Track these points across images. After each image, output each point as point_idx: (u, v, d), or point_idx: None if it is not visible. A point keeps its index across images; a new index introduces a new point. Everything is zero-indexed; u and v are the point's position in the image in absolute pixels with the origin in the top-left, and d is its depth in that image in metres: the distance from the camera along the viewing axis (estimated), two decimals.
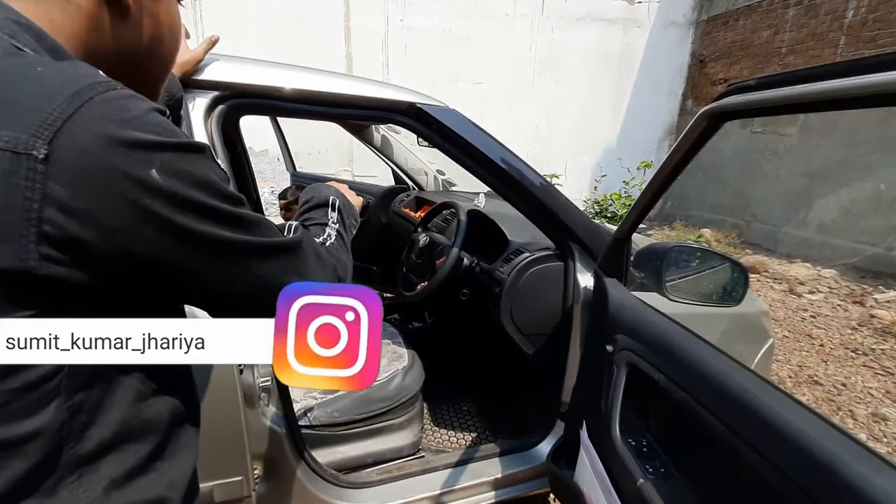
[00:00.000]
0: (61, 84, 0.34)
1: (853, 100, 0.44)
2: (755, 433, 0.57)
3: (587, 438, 0.96)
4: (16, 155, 0.31)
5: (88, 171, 0.33)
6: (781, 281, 4.22)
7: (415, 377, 1.40)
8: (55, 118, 0.32)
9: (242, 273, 0.43)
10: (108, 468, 0.39)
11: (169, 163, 0.36)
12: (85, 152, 0.32)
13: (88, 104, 0.33)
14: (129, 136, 0.34)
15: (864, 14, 4.49)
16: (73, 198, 0.32)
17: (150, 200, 0.35)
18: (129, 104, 0.36)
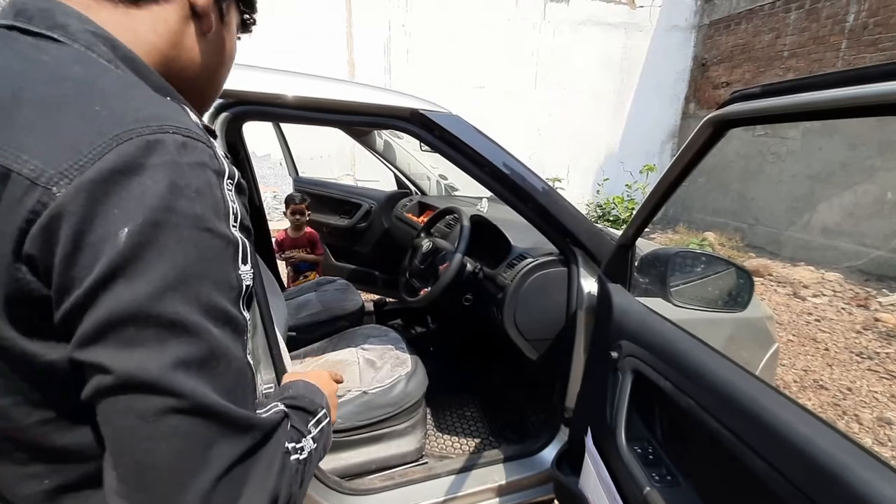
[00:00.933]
0: (109, 119, 0.33)
1: (858, 109, 0.44)
2: (762, 441, 0.57)
3: (592, 445, 0.95)
4: (33, 185, 0.30)
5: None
6: (785, 284, 4.20)
7: (418, 383, 1.40)
8: (86, 163, 0.31)
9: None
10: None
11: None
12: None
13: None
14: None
15: (865, 18, 4.49)
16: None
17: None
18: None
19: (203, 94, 0.52)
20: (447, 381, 1.85)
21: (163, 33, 0.43)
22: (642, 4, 6.38)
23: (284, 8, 5.34)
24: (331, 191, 2.62)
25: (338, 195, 2.57)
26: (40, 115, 0.32)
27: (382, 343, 1.55)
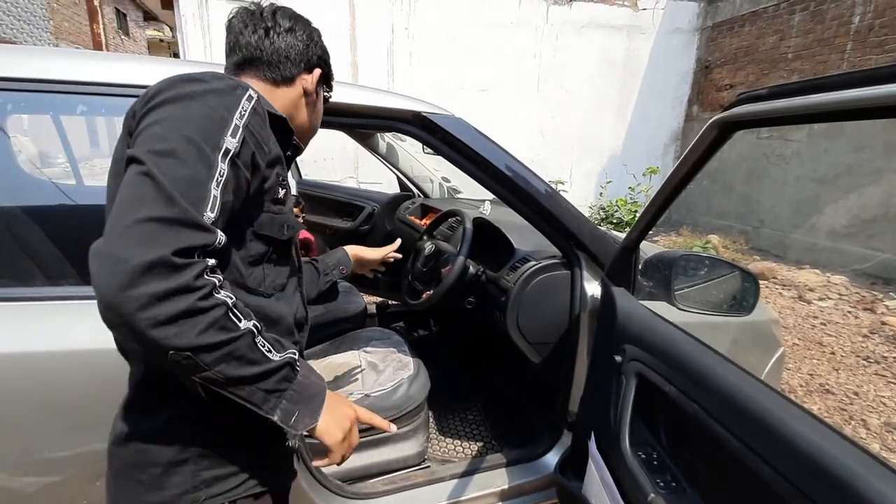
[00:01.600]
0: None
1: (866, 111, 0.43)
2: (769, 447, 0.56)
3: (595, 450, 0.94)
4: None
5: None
6: (790, 287, 4.17)
7: (420, 386, 1.39)
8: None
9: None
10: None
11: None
12: None
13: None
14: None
15: (871, 19, 4.47)
16: None
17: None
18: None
19: (307, 134, 0.84)
20: (450, 385, 1.84)
21: (288, 102, 0.78)
22: (645, 7, 6.38)
23: None
24: (334, 193, 2.62)
25: (341, 198, 2.57)
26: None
27: (385, 346, 1.54)
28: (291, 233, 0.70)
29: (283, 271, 0.72)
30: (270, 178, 0.63)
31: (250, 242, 0.64)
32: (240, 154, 0.56)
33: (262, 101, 0.63)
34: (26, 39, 10.38)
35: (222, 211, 0.54)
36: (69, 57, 0.94)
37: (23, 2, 10.28)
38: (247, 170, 0.58)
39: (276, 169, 0.65)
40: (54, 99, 0.97)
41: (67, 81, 0.87)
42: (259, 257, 0.65)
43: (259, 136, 0.60)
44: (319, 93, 0.84)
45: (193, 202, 0.51)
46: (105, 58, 0.97)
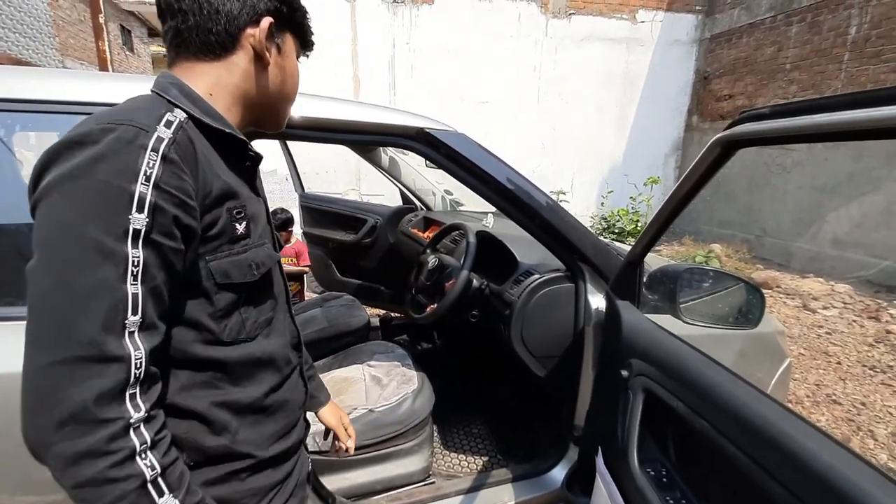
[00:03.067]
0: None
1: (869, 132, 0.44)
2: (781, 466, 0.56)
3: (603, 465, 0.93)
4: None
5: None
6: (794, 296, 4.16)
7: (425, 400, 1.38)
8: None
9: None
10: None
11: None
12: None
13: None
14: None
15: (868, 30, 4.52)
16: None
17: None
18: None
19: (277, 108, 0.68)
20: (454, 399, 1.83)
21: (236, 73, 0.61)
22: (643, 20, 6.46)
23: None
24: (336, 206, 2.63)
25: (343, 210, 2.58)
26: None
27: (389, 360, 1.54)
28: (264, 269, 0.61)
29: (266, 307, 0.64)
30: (219, 220, 0.54)
31: (216, 296, 0.56)
32: (153, 228, 0.46)
33: (182, 130, 0.51)
34: (32, 56, 10.53)
35: (153, 298, 0.47)
36: (72, 78, 0.95)
37: (29, 19, 10.45)
38: (172, 239, 0.48)
39: (226, 204, 0.55)
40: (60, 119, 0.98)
41: (72, 102, 0.89)
42: (231, 307, 0.58)
43: (179, 191, 0.49)
44: (283, 51, 0.64)
45: (103, 323, 0.43)
46: (103, 78, 0.99)
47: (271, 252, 0.64)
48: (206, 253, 0.54)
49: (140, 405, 0.45)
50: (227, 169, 0.58)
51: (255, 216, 0.61)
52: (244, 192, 0.60)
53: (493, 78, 6.24)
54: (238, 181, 0.59)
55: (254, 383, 0.62)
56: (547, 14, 6.22)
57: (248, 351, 0.60)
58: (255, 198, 0.63)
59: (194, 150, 0.52)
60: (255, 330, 0.62)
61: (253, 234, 0.60)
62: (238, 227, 0.57)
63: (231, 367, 0.59)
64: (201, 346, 0.56)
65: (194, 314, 0.54)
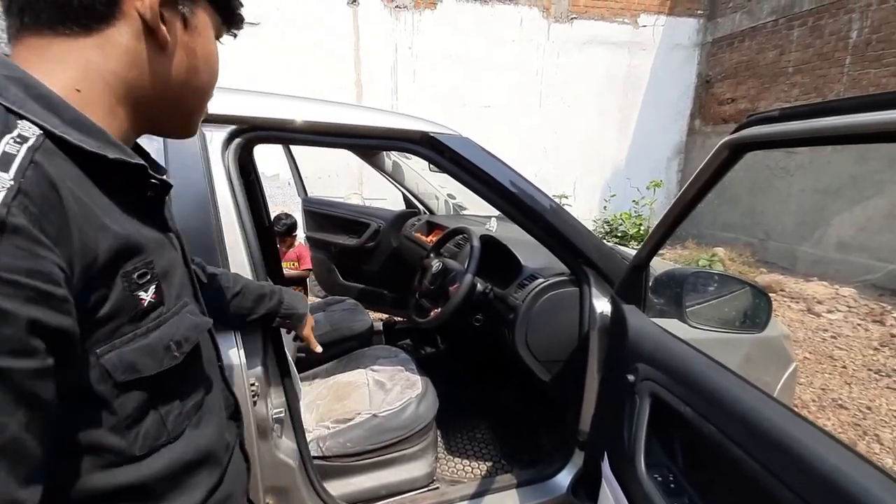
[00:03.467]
0: None
1: (879, 135, 0.44)
2: (789, 470, 0.55)
3: (609, 471, 0.93)
4: None
5: None
6: (799, 300, 4.14)
7: (429, 405, 1.38)
8: None
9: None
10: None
11: None
12: None
13: None
14: None
15: (868, 34, 4.53)
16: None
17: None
18: None
19: (184, 106, 0.49)
20: (458, 404, 1.82)
21: (115, 57, 0.41)
22: (645, 24, 6.47)
23: (294, 31, 5.48)
24: (339, 210, 2.63)
25: (346, 215, 2.58)
26: None
27: (392, 364, 1.53)
28: (190, 345, 0.46)
29: (192, 387, 0.49)
30: (110, 296, 0.37)
31: (118, 401, 0.39)
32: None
33: (32, 167, 0.33)
34: None
35: (6, 458, 0.30)
36: None
37: None
38: (30, 357, 0.31)
39: (122, 269, 0.39)
40: None
41: None
42: (142, 408, 0.42)
43: (35, 277, 0.31)
44: (193, 26, 0.45)
45: None
46: None
47: (196, 318, 0.48)
48: (96, 345, 0.37)
49: None
50: (119, 208, 0.40)
51: (167, 271, 0.45)
52: (149, 238, 0.43)
53: (495, 82, 6.25)
54: (137, 223, 0.42)
55: (185, 493, 0.47)
56: (549, 18, 6.24)
57: (174, 455, 0.45)
58: (164, 241, 0.46)
59: (59, 196, 0.34)
60: (181, 424, 0.46)
61: (168, 299, 0.44)
62: (144, 297, 0.40)
63: (152, 486, 0.43)
64: (103, 474, 0.39)
65: (87, 437, 0.38)
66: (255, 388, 0.92)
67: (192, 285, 0.53)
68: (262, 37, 5.40)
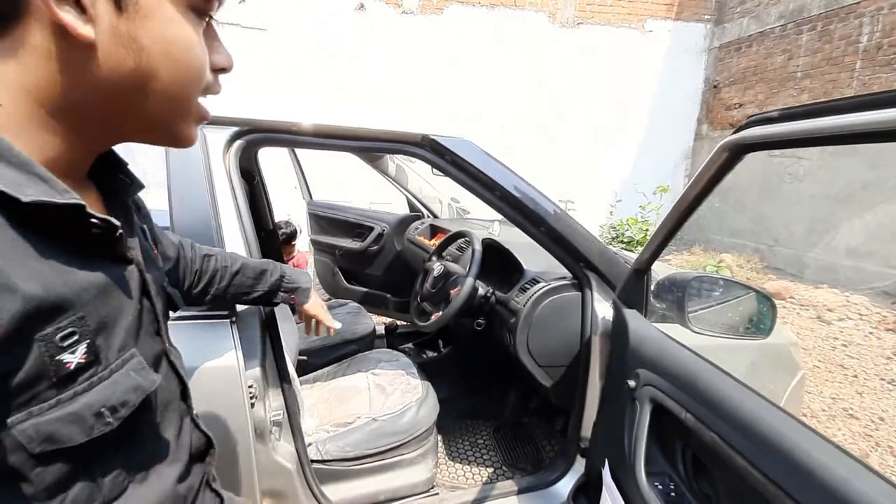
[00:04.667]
0: None
1: (879, 134, 0.43)
2: (794, 482, 0.54)
3: (610, 478, 0.91)
4: None
5: None
6: (808, 307, 4.07)
7: (429, 410, 1.37)
8: None
9: None
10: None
11: None
12: None
13: None
14: None
15: (879, 38, 4.47)
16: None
17: None
18: None
19: (146, 118, 0.39)
20: (459, 408, 1.81)
21: (33, 63, 0.33)
22: (651, 29, 6.46)
23: (300, 36, 5.53)
24: (343, 214, 2.64)
25: (350, 218, 2.59)
26: None
27: (393, 368, 1.53)
28: (129, 409, 0.39)
29: (142, 441, 0.43)
30: (24, 363, 0.31)
31: (35, 472, 0.33)
32: None
33: None
34: None
35: None
36: None
37: None
38: None
39: (38, 333, 0.32)
40: None
41: None
42: (67, 477, 0.35)
43: None
44: (141, 5, 0.34)
45: None
46: None
47: (142, 376, 0.40)
48: (7, 414, 0.31)
49: None
50: (43, 255, 0.33)
51: (106, 323, 0.37)
52: (80, 289, 0.35)
53: (501, 87, 6.27)
54: (66, 274, 0.34)
55: None
56: (555, 24, 6.25)
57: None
58: (110, 286, 0.39)
59: None
60: (121, 484, 0.40)
61: (105, 356, 0.37)
62: (70, 360, 0.34)
63: None
64: None
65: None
66: (252, 389, 0.92)
67: (154, 321, 0.47)
68: (269, 41, 5.46)
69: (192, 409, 0.53)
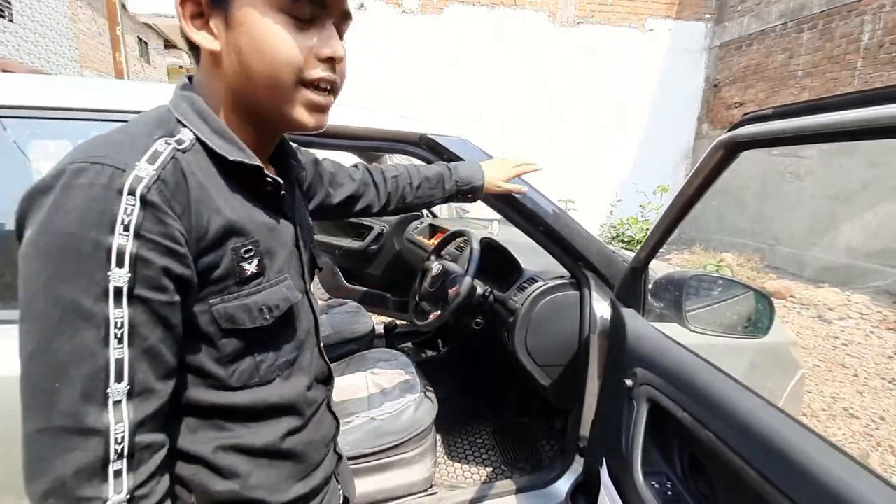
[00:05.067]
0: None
1: (875, 130, 0.42)
2: (791, 482, 0.53)
3: (608, 478, 0.91)
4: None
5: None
6: (809, 307, 4.07)
7: (427, 409, 1.37)
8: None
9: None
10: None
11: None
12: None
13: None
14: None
15: (881, 36, 4.46)
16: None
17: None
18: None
19: (264, 106, 0.51)
20: (458, 407, 1.81)
21: (210, 77, 0.51)
22: (652, 28, 6.45)
23: None
24: None
25: (350, 217, 2.58)
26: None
27: (392, 367, 1.53)
28: (279, 312, 0.54)
29: (287, 348, 0.57)
30: (221, 262, 0.48)
31: (221, 342, 0.50)
32: (138, 283, 0.41)
33: (173, 161, 0.45)
34: (53, 69, 10.84)
35: (147, 359, 0.43)
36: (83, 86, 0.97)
37: (51, 34, 10.77)
38: (163, 293, 0.43)
39: (230, 244, 0.49)
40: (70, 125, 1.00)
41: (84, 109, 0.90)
42: (240, 352, 0.52)
43: (166, 238, 0.43)
44: (235, 21, 0.47)
45: (83, 393, 0.40)
46: None
47: (290, 292, 0.55)
48: (210, 296, 0.48)
49: (123, 484, 0.41)
50: (238, 199, 0.51)
51: (271, 250, 0.53)
52: (258, 223, 0.52)
53: (501, 86, 6.27)
54: (251, 211, 0.52)
55: (268, 427, 0.56)
56: (555, 23, 6.25)
57: (261, 396, 0.54)
58: (276, 227, 0.55)
59: (186, 184, 0.45)
60: (272, 374, 0.55)
61: (269, 272, 0.53)
62: (247, 268, 0.50)
63: (241, 412, 0.53)
64: (205, 392, 0.50)
65: (197, 360, 0.49)
66: None
67: (300, 266, 0.61)
68: None
69: (320, 343, 0.67)
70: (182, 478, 0.51)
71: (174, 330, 0.45)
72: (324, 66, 0.50)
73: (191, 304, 0.47)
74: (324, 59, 0.49)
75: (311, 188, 0.80)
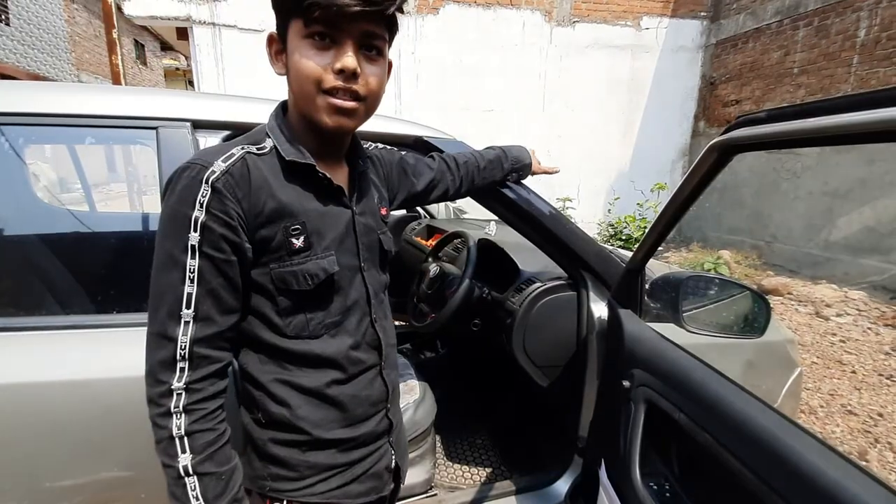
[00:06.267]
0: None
1: (867, 135, 0.42)
2: (786, 483, 0.54)
3: (606, 479, 0.91)
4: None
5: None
6: (806, 303, 4.08)
7: (427, 410, 1.37)
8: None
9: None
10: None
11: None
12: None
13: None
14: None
15: (878, 32, 4.47)
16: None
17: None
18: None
19: (304, 115, 0.65)
20: (457, 409, 1.81)
21: (288, 92, 0.67)
22: (648, 26, 6.45)
23: None
24: None
25: None
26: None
27: None
28: (318, 280, 0.66)
29: (333, 310, 0.70)
30: (275, 236, 0.63)
31: (278, 297, 0.65)
32: (204, 243, 0.58)
33: (241, 161, 0.61)
34: (49, 71, 10.80)
35: (210, 297, 0.59)
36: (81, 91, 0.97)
37: (47, 36, 10.73)
38: (221, 252, 0.59)
39: (282, 223, 0.63)
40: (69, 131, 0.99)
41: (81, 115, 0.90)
42: (293, 308, 0.66)
43: (224, 214, 0.59)
44: (290, 47, 0.62)
45: (169, 312, 0.58)
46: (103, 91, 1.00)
47: (331, 265, 0.67)
48: (270, 262, 0.64)
49: (183, 377, 0.58)
50: (294, 189, 0.65)
51: (319, 231, 0.66)
52: (308, 209, 0.66)
53: (497, 87, 6.26)
54: (303, 199, 0.65)
55: (316, 373, 0.69)
56: (551, 22, 6.24)
57: (309, 347, 0.68)
58: (327, 213, 0.68)
59: (249, 176, 0.61)
60: (320, 330, 0.68)
61: (316, 247, 0.66)
62: (295, 242, 0.64)
63: (295, 357, 0.67)
64: (268, 334, 0.66)
65: (262, 309, 0.66)
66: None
67: (355, 246, 0.72)
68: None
69: (373, 313, 0.75)
70: (253, 398, 0.68)
71: (231, 280, 0.61)
72: (336, 76, 0.60)
73: (257, 266, 0.64)
74: (336, 71, 0.60)
75: (397, 181, 0.91)
